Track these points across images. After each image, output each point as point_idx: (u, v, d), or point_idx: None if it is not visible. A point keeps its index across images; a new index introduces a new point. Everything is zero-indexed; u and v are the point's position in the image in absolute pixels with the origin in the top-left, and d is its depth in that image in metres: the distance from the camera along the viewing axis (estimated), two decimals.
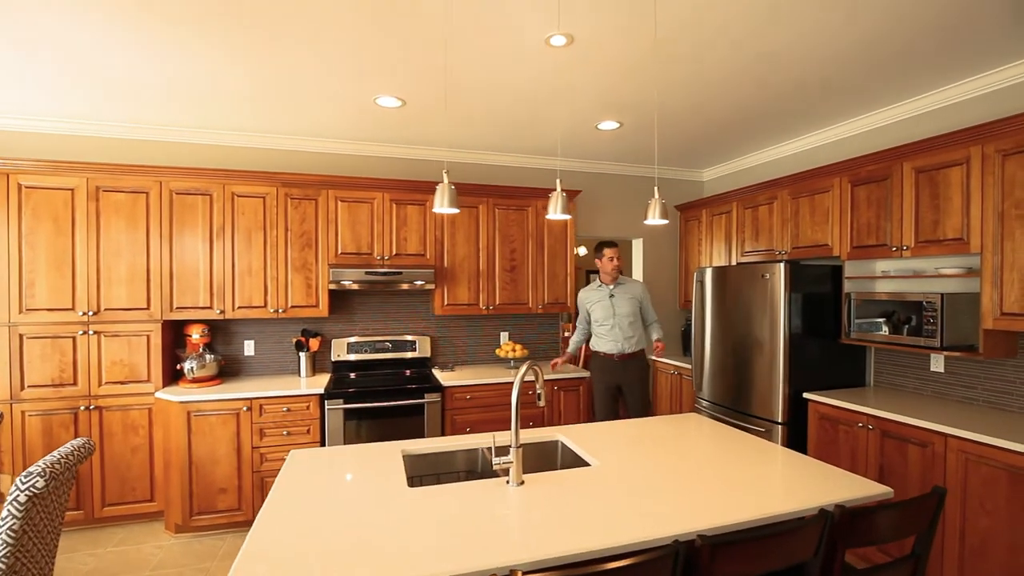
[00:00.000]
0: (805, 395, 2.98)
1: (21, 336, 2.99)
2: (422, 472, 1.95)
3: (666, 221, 2.07)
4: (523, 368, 1.64)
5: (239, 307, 3.32)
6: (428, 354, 3.86)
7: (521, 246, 3.88)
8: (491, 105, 3.02)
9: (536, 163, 4.24)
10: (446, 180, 2.00)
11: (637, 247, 4.68)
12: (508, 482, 1.57)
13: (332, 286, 3.40)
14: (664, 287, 4.67)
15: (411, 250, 3.64)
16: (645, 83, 2.69)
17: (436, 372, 3.71)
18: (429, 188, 3.65)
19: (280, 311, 3.39)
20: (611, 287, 3.35)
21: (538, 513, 1.39)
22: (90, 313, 3.07)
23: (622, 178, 4.53)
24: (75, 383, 3.05)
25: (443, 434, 3.39)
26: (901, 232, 2.70)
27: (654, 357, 3.73)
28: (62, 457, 1.71)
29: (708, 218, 4.19)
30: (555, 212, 2.21)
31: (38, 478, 1.59)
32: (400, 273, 3.45)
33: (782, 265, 3.00)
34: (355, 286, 3.42)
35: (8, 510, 1.56)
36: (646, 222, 2.14)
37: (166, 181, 3.19)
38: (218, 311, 3.28)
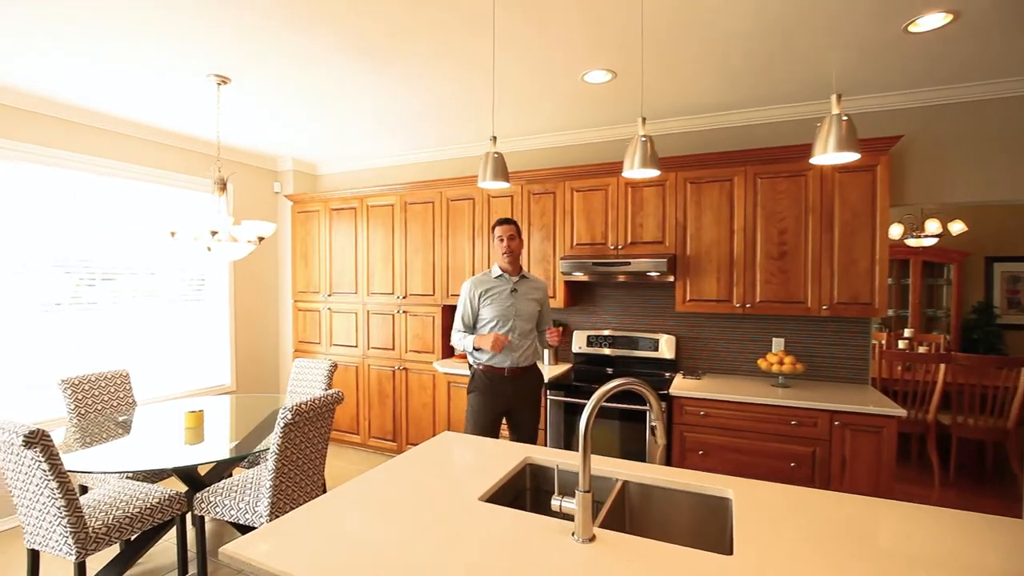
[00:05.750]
0: None
1: (368, 312, 4.22)
2: (546, 486, 1.72)
3: (853, 155, 1.12)
4: (613, 382, 1.22)
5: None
6: (672, 355, 3.38)
7: (795, 224, 2.91)
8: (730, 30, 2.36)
9: (813, 110, 3.09)
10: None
11: None
12: (573, 533, 1.21)
13: (566, 277, 3.41)
14: None
15: (647, 237, 3.26)
16: None
17: (678, 378, 3.21)
18: (666, 165, 3.17)
19: None
20: (513, 279, 2.65)
21: None
22: (401, 297, 4.05)
23: (991, 103, 2.78)
24: (393, 349, 4.10)
25: (669, 451, 2.91)
26: None
27: (551, 344, 2.67)
28: (309, 401, 2.32)
29: None
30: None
31: (288, 412, 2.20)
32: (628, 263, 3.14)
33: None
34: (584, 277, 3.32)
35: (276, 431, 2.23)
36: (812, 160, 1.22)
37: (444, 191, 3.88)
38: None
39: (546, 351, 3.67)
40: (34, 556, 2.13)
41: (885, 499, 1.43)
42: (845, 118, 1.16)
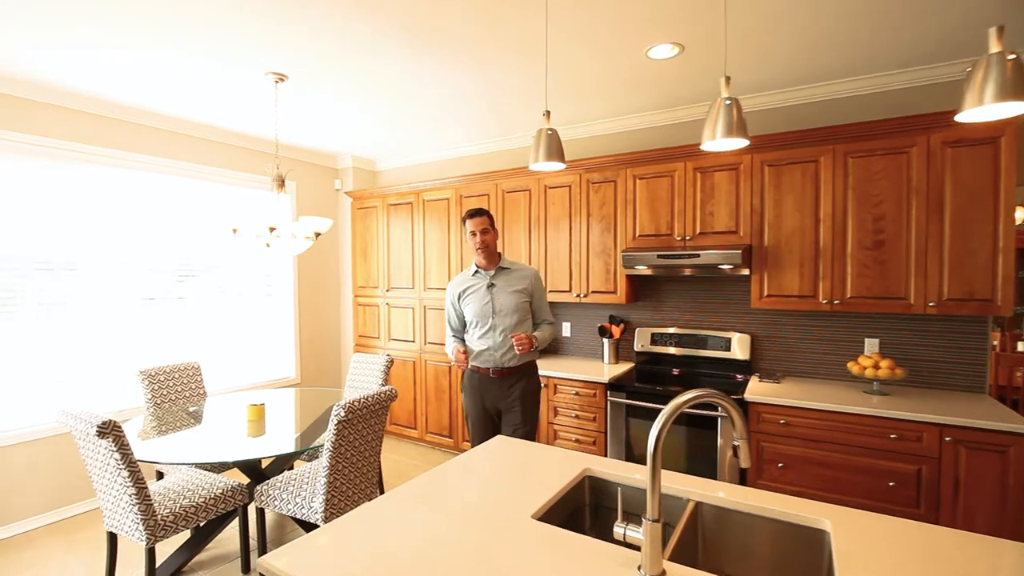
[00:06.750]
0: None
1: (424, 307, 4.21)
2: (607, 502, 1.57)
3: (1016, 106, 0.84)
4: (688, 394, 1.05)
5: (549, 291, 3.59)
6: (747, 356, 3.09)
7: (895, 209, 2.55)
8: None
9: (917, 76, 2.68)
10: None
11: None
12: (640, 568, 1.05)
13: (627, 271, 3.20)
14: None
15: (719, 227, 2.98)
16: None
17: (754, 381, 2.93)
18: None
19: (581, 296, 3.46)
20: (490, 274, 2.51)
21: None
22: None
23: None
24: None
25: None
26: None
27: (517, 352, 2.41)
28: (363, 399, 2.29)
29: None
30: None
31: (341, 410, 2.18)
32: (696, 255, 2.89)
33: None
34: (648, 271, 3.11)
35: (330, 428, 2.22)
36: (959, 117, 0.97)
37: (499, 183, 3.77)
38: None
39: (606, 349, 3.49)
40: (112, 538, 2.25)
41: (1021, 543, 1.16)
42: (1012, 56, 0.87)
